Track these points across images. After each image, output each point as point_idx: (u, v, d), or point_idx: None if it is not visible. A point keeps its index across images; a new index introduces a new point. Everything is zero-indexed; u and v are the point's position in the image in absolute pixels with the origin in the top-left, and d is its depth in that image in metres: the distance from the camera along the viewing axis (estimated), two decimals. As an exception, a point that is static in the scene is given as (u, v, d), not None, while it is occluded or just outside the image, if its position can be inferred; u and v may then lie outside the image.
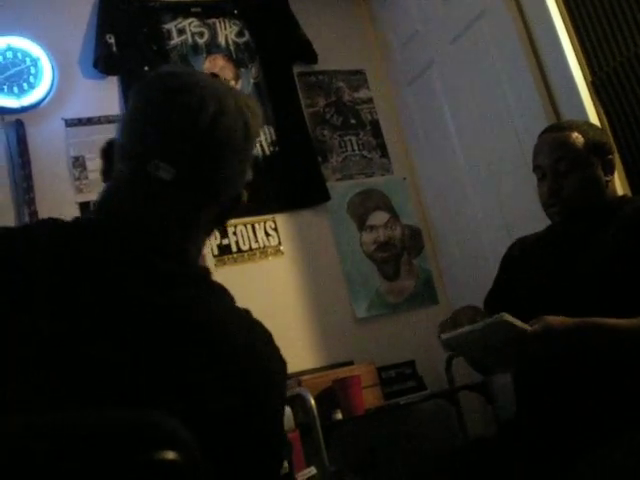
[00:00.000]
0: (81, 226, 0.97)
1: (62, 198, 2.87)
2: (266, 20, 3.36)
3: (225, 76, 3.25)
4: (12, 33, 2.95)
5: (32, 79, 2.92)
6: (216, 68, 3.24)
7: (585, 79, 2.49)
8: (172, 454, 0.71)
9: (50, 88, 2.96)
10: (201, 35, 3.27)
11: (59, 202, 2.85)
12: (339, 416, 2.68)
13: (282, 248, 3.16)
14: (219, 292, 0.97)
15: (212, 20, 3.31)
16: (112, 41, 3.02)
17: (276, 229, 3.17)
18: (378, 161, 3.48)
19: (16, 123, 2.85)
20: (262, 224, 3.15)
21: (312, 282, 3.18)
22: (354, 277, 3.25)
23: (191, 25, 3.26)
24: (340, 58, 3.53)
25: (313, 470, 2.29)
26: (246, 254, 3.09)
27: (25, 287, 0.86)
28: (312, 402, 2.52)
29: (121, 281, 0.89)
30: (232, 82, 3.26)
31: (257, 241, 3.12)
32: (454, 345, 1.56)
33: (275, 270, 3.12)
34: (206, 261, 2.91)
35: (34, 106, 2.92)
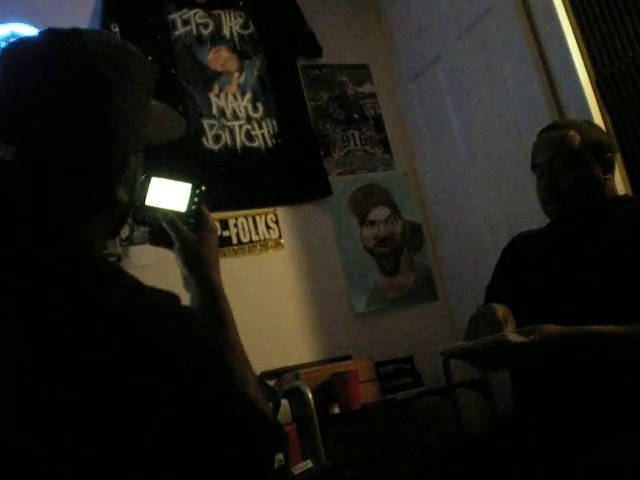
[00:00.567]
0: None
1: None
2: (271, 12, 3.35)
3: (229, 68, 3.25)
4: (16, 20, 2.94)
5: (35, 67, 2.91)
6: (220, 59, 3.23)
7: (590, 78, 2.49)
8: None
9: (53, 76, 2.95)
10: (206, 26, 3.26)
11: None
12: (336, 410, 2.69)
13: (282, 241, 3.16)
14: (103, 284, 0.81)
15: (217, 11, 3.30)
16: (117, 30, 3.01)
17: (277, 222, 3.17)
18: (380, 156, 3.47)
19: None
20: (263, 217, 3.14)
21: (312, 276, 3.18)
22: (354, 272, 3.25)
23: (196, 16, 3.25)
24: (344, 52, 3.52)
25: (309, 464, 2.30)
26: (246, 246, 3.09)
27: None
28: (309, 396, 2.53)
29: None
30: (236, 74, 3.25)
31: (258, 234, 3.12)
32: (455, 355, 1.58)
33: (275, 263, 3.12)
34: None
35: (37, 94, 2.92)
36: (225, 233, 3.04)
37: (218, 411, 0.80)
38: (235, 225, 3.08)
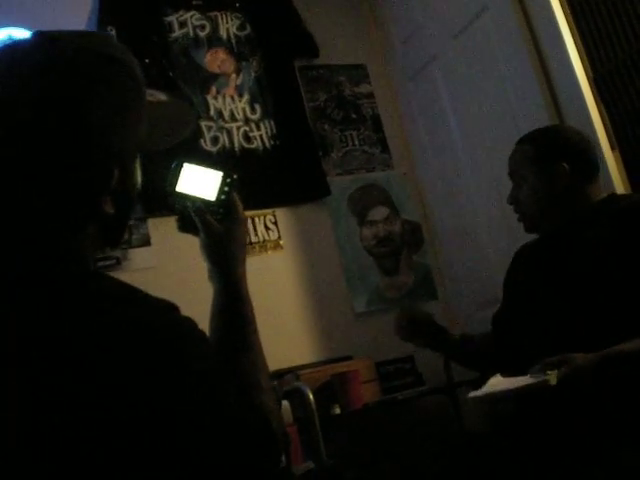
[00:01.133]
0: None
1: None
2: (268, 13, 3.35)
3: (226, 69, 3.25)
4: (13, 25, 2.93)
5: (33, 71, 2.91)
6: (217, 61, 3.23)
7: (587, 76, 2.49)
8: None
9: (51, 80, 2.95)
10: (202, 28, 3.26)
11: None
12: (337, 411, 2.69)
13: (282, 242, 3.16)
14: (96, 300, 0.79)
15: (214, 13, 3.30)
16: (113, 33, 3.00)
17: (276, 223, 3.17)
18: (379, 156, 3.47)
19: (16, 115, 2.84)
20: (262, 218, 3.14)
21: (311, 277, 3.18)
22: (353, 272, 3.25)
23: (192, 18, 3.25)
24: (341, 52, 3.52)
25: (311, 464, 2.30)
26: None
27: None
28: (310, 396, 2.52)
29: None
30: (233, 75, 3.25)
31: (257, 235, 3.12)
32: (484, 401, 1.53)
33: (274, 264, 3.12)
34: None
35: (35, 98, 2.92)
36: (224, 235, 3.04)
37: (207, 417, 0.78)
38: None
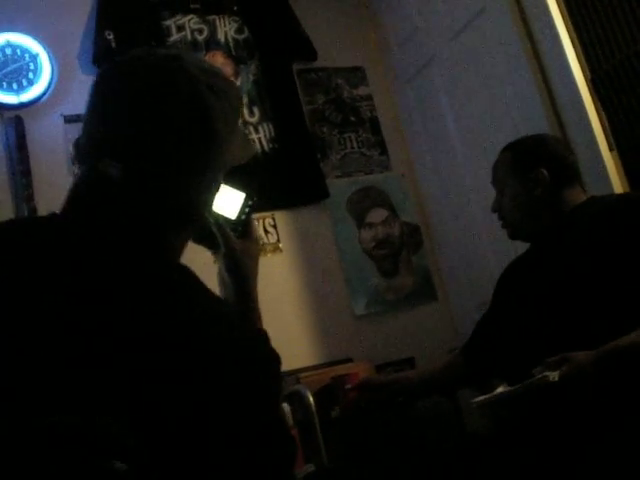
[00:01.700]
0: (44, 227, 0.96)
1: (61, 194, 2.83)
2: (266, 17, 3.35)
3: (225, 73, 3.24)
4: (11, 29, 2.94)
5: (31, 75, 2.92)
6: (215, 65, 3.23)
7: (585, 77, 2.49)
8: (118, 464, 0.68)
9: (49, 84, 2.95)
10: (200, 32, 3.26)
11: (58, 198, 2.82)
12: (337, 413, 2.68)
13: (281, 245, 3.16)
14: (192, 291, 0.89)
15: (211, 17, 3.31)
16: (111, 37, 3.01)
17: (275, 226, 3.17)
18: (377, 158, 3.47)
19: (15, 119, 2.85)
20: (261, 221, 3.14)
21: (311, 279, 3.18)
22: (353, 274, 3.25)
23: (190, 21, 3.25)
24: (339, 55, 3.52)
25: (311, 467, 2.30)
26: (245, 251, 3.08)
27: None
28: (311, 399, 2.52)
29: (83, 279, 0.84)
30: (231, 79, 3.25)
31: (256, 238, 3.11)
32: (488, 407, 1.52)
33: (274, 267, 3.12)
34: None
35: (33, 102, 2.92)
36: (223, 238, 3.04)
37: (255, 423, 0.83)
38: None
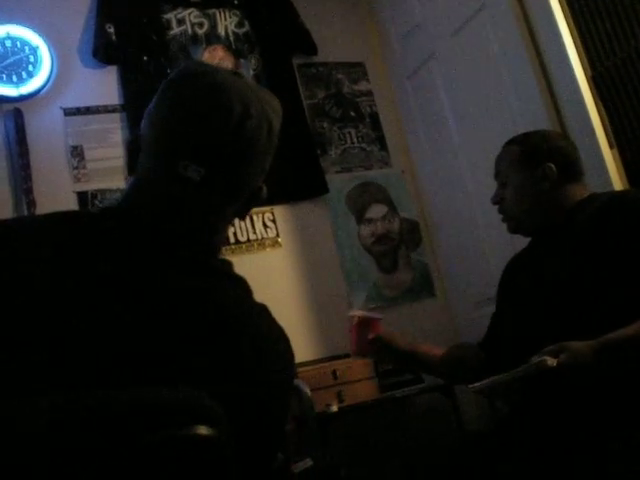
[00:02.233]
0: (107, 216, 1.00)
1: (60, 187, 2.87)
2: (266, 11, 3.34)
3: (225, 67, 3.24)
4: (11, 21, 2.94)
5: (31, 68, 2.91)
6: (215, 59, 3.23)
7: (585, 74, 2.49)
8: (207, 429, 0.75)
9: (49, 77, 2.95)
10: (201, 25, 3.26)
11: (57, 191, 2.84)
12: (335, 408, 2.69)
13: (280, 240, 3.16)
14: (236, 283, 1.05)
15: (212, 10, 3.30)
16: (112, 30, 3.00)
17: (274, 221, 3.17)
18: (377, 154, 3.47)
19: (15, 112, 2.84)
20: (260, 216, 3.14)
21: (310, 274, 3.18)
22: (352, 270, 3.25)
23: (191, 15, 3.25)
24: (340, 50, 3.52)
25: (309, 462, 2.30)
26: (244, 245, 3.08)
27: (52, 271, 0.88)
28: (309, 394, 2.53)
29: (141, 265, 0.92)
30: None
31: (255, 233, 3.12)
32: (485, 391, 1.52)
33: (273, 262, 3.12)
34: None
35: (33, 95, 2.92)
36: (222, 232, 3.04)
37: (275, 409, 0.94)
38: (232, 224, 3.08)
